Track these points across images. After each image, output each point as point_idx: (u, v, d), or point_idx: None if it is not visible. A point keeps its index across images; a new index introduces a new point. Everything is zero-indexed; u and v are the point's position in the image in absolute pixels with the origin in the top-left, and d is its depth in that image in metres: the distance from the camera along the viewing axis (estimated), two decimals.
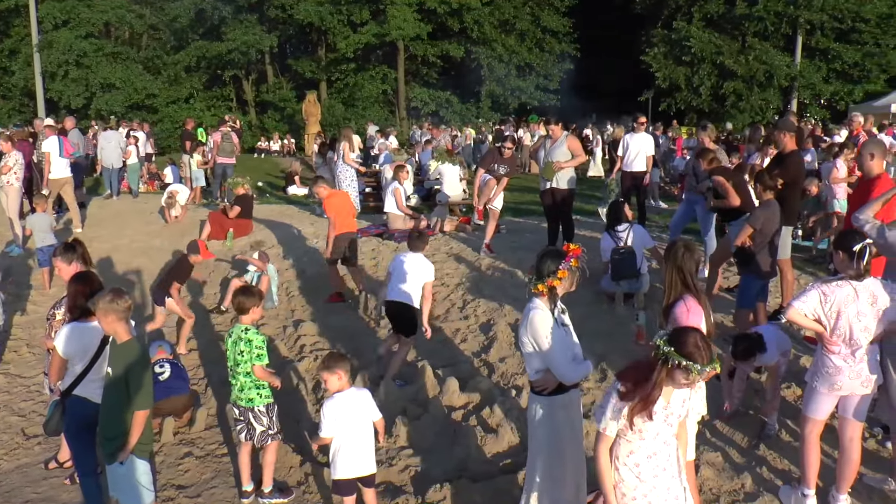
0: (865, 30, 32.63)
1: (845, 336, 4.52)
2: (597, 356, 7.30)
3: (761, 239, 6.73)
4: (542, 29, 38.35)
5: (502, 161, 10.74)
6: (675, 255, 4.34)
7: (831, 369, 4.59)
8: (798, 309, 4.55)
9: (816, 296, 4.54)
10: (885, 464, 5.41)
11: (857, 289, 4.51)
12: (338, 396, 5.00)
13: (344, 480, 5.04)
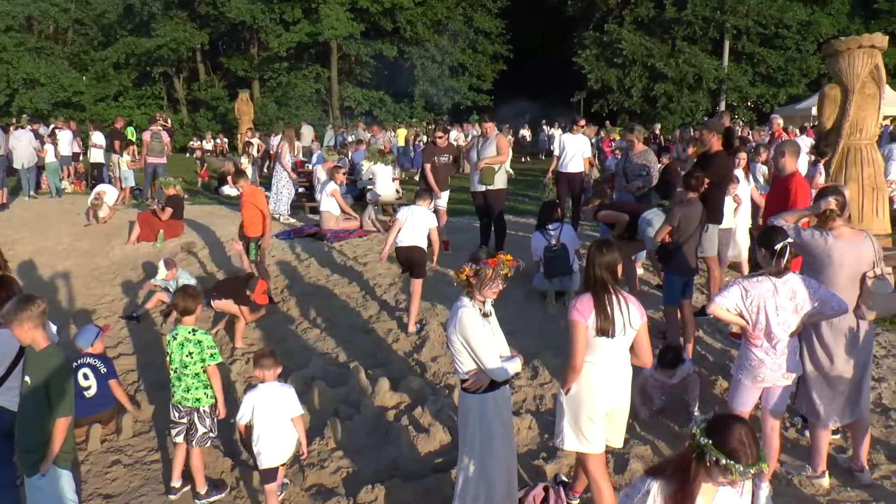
0: (787, 36, 33.74)
1: (766, 330, 4.72)
2: (529, 354, 7.40)
3: (679, 236, 6.91)
4: (474, 30, 38.61)
5: (441, 151, 10.81)
6: (587, 254, 4.45)
7: (754, 362, 4.79)
8: (720, 304, 4.74)
9: (738, 291, 4.74)
10: (803, 451, 5.66)
11: (776, 285, 4.71)
12: (261, 387, 5.31)
13: (269, 469, 5.29)
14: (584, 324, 4.15)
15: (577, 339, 4.18)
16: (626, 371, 4.33)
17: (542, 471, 5.48)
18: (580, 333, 4.16)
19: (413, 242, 8.29)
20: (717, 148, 8.41)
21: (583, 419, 4.28)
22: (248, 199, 9.60)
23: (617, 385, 4.29)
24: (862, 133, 10.47)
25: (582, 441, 4.32)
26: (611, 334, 4.13)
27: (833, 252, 4.95)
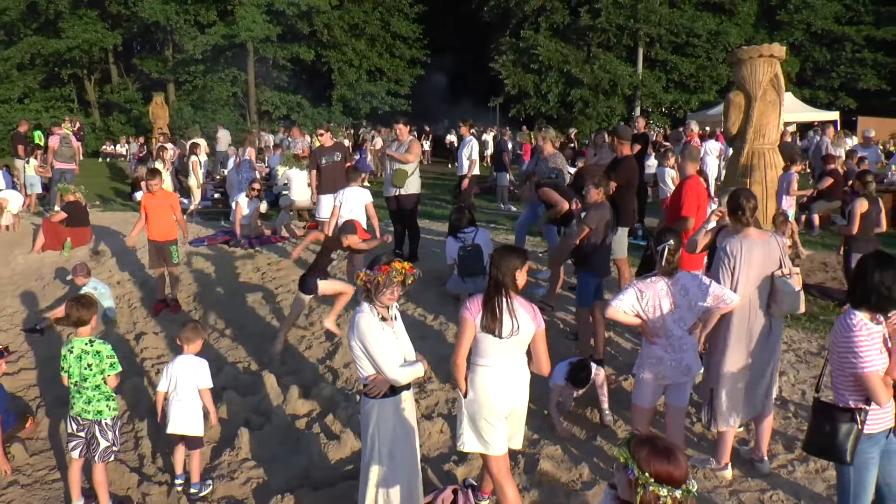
0: (698, 44, 34.78)
1: (664, 328, 4.85)
2: (442, 357, 7.43)
3: (595, 238, 7.05)
4: (392, 34, 38.54)
5: (328, 151, 10.90)
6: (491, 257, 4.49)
7: (654, 359, 4.94)
8: (616, 307, 4.87)
9: (633, 293, 4.88)
10: (709, 445, 5.84)
11: (669, 284, 4.86)
12: (178, 358, 5.84)
13: (171, 435, 5.80)
14: (472, 321, 4.24)
15: (461, 334, 4.29)
16: (522, 374, 4.39)
17: (452, 474, 5.50)
18: (466, 329, 4.26)
19: (352, 217, 8.79)
20: (626, 152, 8.62)
21: (481, 422, 4.33)
22: (164, 201, 9.33)
23: (513, 387, 4.35)
24: (765, 138, 10.82)
25: (482, 443, 4.37)
26: (497, 334, 4.18)
27: (743, 252, 5.09)
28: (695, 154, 7.20)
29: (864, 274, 3.85)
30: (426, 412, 6.57)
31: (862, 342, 3.75)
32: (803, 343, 8.16)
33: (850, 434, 3.83)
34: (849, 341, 3.77)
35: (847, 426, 3.83)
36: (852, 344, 3.76)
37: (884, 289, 3.78)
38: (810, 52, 37.82)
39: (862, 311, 3.83)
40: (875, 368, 3.75)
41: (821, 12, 36.57)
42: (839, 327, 3.86)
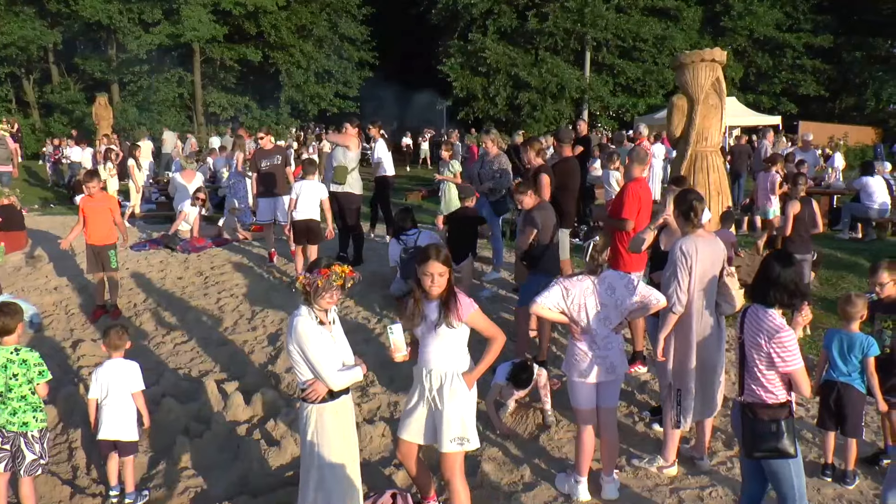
0: (645, 49, 35.31)
1: (588, 326, 4.88)
2: (385, 361, 7.38)
3: (543, 238, 7.06)
4: (340, 36, 38.32)
5: (267, 154, 10.86)
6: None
7: (579, 357, 4.97)
8: (541, 304, 4.88)
9: (559, 291, 4.90)
10: (652, 444, 5.92)
11: (595, 282, 4.89)
12: (107, 363, 5.72)
13: (102, 441, 5.63)
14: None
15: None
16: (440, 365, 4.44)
17: (393, 478, 5.45)
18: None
19: (309, 216, 9.25)
20: (568, 154, 8.67)
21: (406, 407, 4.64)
22: (103, 204, 9.09)
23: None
24: (707, 141, 11.01)
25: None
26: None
27: (691, 253, 5.13)
28: (642, 156, 7.25)
29: (770, 274, 3.95)
30: (368, 416, 6.52)
31: (790, 340, 3.85)
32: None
33: (791, 428, 3.93)
34: (780, 342, 3.84)
35: (787, 421, 3.92)
36: (783, 344, 3.84)
37: (791, 284, 3.91)
38: (753, 58, 38.82)
39: (776, 309, 3.90)
40: (802, 363, 3.90)
41: (763, 19, 37.51)
42: (761, 329, 3.92)
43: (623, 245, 6.82)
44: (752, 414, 4.01)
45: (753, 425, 4.01)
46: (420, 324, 4.37)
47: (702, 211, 5.24)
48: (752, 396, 4.04)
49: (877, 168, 14.82)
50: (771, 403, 3.96)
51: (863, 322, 5.38)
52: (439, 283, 4.24)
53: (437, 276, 4.22)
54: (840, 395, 5.26)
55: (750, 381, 4.03)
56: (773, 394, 3.95)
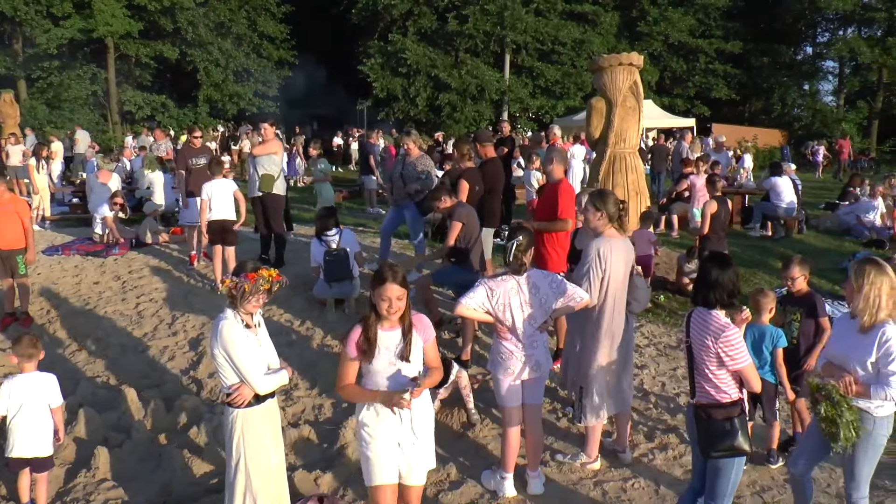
0: (563, 52, 35.97)
1: (513, 325, 4.96)
2: (308, 363, 7.36)
3: (468, 235, 7.12)
4: (259, 34, 37.75)
5: (197, 153, 10.63)
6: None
7: (504, 355, 5.02)
8: (466, 304, 4.92)
9: (484, 291, 4.95)
10: (574, 438, 6.05)
11: (520, 282, 4.97)
12: (20, 376, 5.31)
13: (15, 459, 5.25)
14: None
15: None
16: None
17: (319, 482, 5.41)
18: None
19: (224, 216, 9.16)
20: (491, 155, 8.76)
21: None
22: (10, 207, 8.69)
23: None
24: (626, 142, 11.27)
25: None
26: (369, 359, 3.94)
27: (606, 255, 5.26)
28: (563, 156, 7.37)
29: (708, 276, 4.05)
30: (293, 420, 6.46)
31: (737, 339, 3.95)
32: (663, 337, 8.55)
33: (745, 425, 4.04)
34: (728, 341, 3.94)
35: (740, 419, 4.02)
36: (730, 341, 3.94)
37: (730, 285, 4.02)
38: (668, 62, 40.05)
39: (718, 309, 4.02)
40: (750, 360, 4.02)
41: (677, 25, 38.80)
42: (708, 329, 4.01)
43: (549, 245, 6.93)
44: (707, 415, 4.07)
45: (708, 426, 4.07)
46: (377, 356, 3.90)
47: (625, 212, 5.40)
48: (705, 397, 4.11)
49: (784, 168, 15.44)
50: (724, 402, 4.04)
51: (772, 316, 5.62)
52: (398, 307, 3.83)
53: (396, 300, 3.81)
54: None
55: (702, 383, 4.10)
56: (726, 392, 4.04)
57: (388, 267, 3.88)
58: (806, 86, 43.88)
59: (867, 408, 4.15)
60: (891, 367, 3.99)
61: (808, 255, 12.75)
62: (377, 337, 3.88)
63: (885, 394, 4.00)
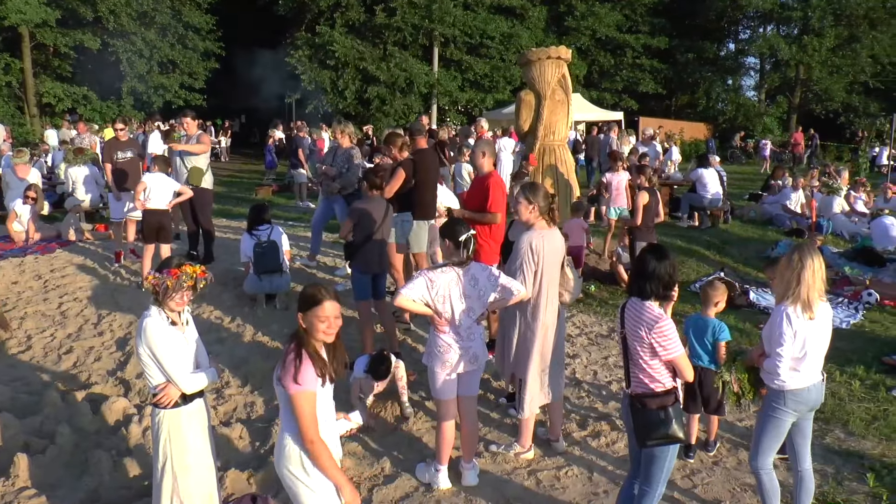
0: (492, 46, 36.07)
1: (452, 317, 4.96)
2: (239, 360, 7.25)
3: (361, 233, 7.07)
4: (184, 25, 36.77)
5: (123, 146, 10.36)
6: None
7: (442, 348, 5.03)
8: (405, 296, 4.90)
9: (423, 282, 4.94)
10: (508, 429, 6.11)
11: (460, 274, 4.98)
12: None
13: None
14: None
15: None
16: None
17: (251, 481, 5.33)
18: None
19: (161, 207, 8.97)
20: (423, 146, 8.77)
21: None
22: None
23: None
24: (555, 135, 11.42)
25: None
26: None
27: (538, 247, 5.31)
28: (492, 148, 7.39)
29: (645, 267, 4.10)
30: (224, 418, 6.35)
31: (669, 329, 4.01)
32: (595, 327, 8.69)
33: (679, 414, 4.11)
34: (660, 332, 3.99)
35: (674, 408, 4.09)
36: (664, 333, 4.00)
37: (666, 277, 4.08)
38: (596, 56, 40.68)
39: (651, 300, 4.08)
40: (682, 349, 4.09)
41: (604, 20, 39.45)
42: (641, 320, 4.06)
43: (482, 237, 6.96)
44: (641, 404, 4.12)
45: (643, 415, 4.12)
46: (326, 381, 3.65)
47: (557, 206, 5.47)
48: (640, 387, 4.16)
49: (710, 160, 15.86)
50: (658, 392, 4.10)
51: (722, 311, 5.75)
52: (337, 325, 3.61)
53: (334, 318, 3.58)
54: (701, 379, 5.57)
55: (636, 372, 4.15)
56: (660, 382, 4.10)
57: (317, 287, 3.65)
58: (729, 81, 45.19)
59: (765, 380, 4.45)
60: (774, 343, 4.30)
61: (733, 244, 13.26)
62: (319, 353, 3.59)
63: (771, 368, 4.33)
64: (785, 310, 4.27)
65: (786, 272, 4.30)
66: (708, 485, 5.40)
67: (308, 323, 3.57)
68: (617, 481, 5.32)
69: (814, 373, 4.43)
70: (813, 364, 4.40)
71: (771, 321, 4.38)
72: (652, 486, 4.21)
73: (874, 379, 7.40)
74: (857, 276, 11.06)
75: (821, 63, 39.28)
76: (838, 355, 7.79)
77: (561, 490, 5.27)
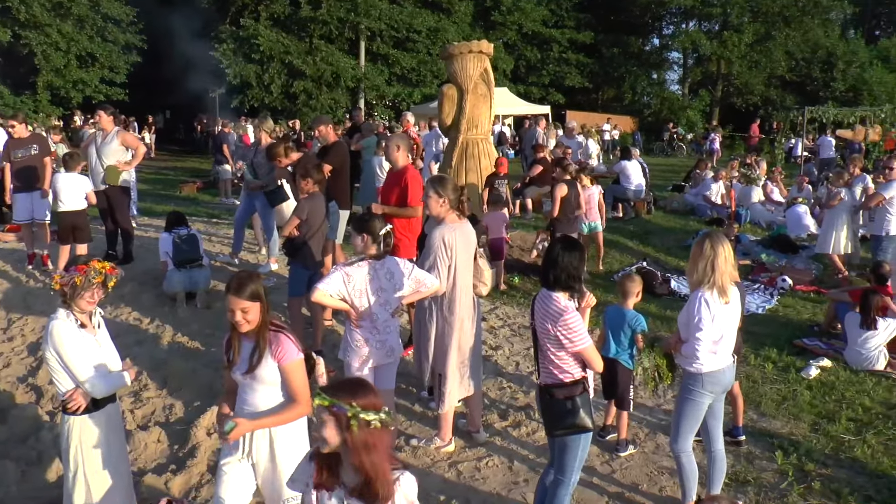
0: (418, 40, 36.08)
1: (369, 311, 4.95)
2: (158, 362, 7.09)
3: (307, 230, 7.02)
4: (102, 16, 35.58)
5: (23, 144, 9.97)
6: None
7: (358, 342, 5.01)
8: (323, 291, 4.87)
9: (340, 277, 4.91)
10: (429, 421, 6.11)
11: (376, 268, 4.97)
12: None
13: None
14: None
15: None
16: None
17: (169, 485, 5.21)
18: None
19: (75, 207, 8.77)
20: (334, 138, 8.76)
21: None
22: None
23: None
24: (477, 129, 11.47)
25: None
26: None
27: (451, 241, 5.33)
28: (408, 142, 7.39)
29: (553, 258, 4.13)
30: (142, 422, 6.18)
31: (574, 322, 4.03)
32: (517, 318, 8.76)
33: (587, 403, 4.14)
34: (566, 324, 4.02)
35: (582, 397, 4.12)
36: (569, 326, 4.02)
37: (572, 269, 4.11)
38: (523, 51, 41.09)
39: (559, 292, 4.11)
40: (590, 342, 4.11)
41: (530, 15, 39.90)
42: (548, 313, 4.09)
43: (399, 232, 6.94)
44: (549, 395, 4.16)
45: (551, 405, 4.16)
46: (238, 364, 3.71)
47: (468, 199, 5.50)
48: (549, 378, 4.19)
49: (633, 153, 16.17)
50: (566, 382, 4.12)
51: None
52: (243, 320, 3.58)
53: (240, 312, 3.57)
54: (612, 370, 5.67)
55: (546, 364, 4.19)
56: (568, 372, 4.13)
57: (236, 277, 3.65)
58: (654, 75, 46.19)
59: (683, 364, 4.57)
60: (693, 329, 4.39)
61: (655, 234, 13.54)
62: (237, 344, 3.69)
63: (690, 353, 4.43)
64: (702, 296, 4.37)
65: (699, 261, 4.40)
66: (626, 469, 5.51)
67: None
68: (537, 469, 5.37)
69: (728, 355, 4.57)
70: (728, 346, 4.55)
71: (688, 307, 4.47)
72: (566, 475, 4.25)
73: (786, 361, 7.70)
74: (772, 263, 11.42)
75: (740, 58, 40.60)
76: (753, 339, 8.07)
77: (481, 480, 5.30)
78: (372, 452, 2.58)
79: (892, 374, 7.35)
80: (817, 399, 6.81)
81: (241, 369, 3.68)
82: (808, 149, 22.72)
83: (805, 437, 6.07)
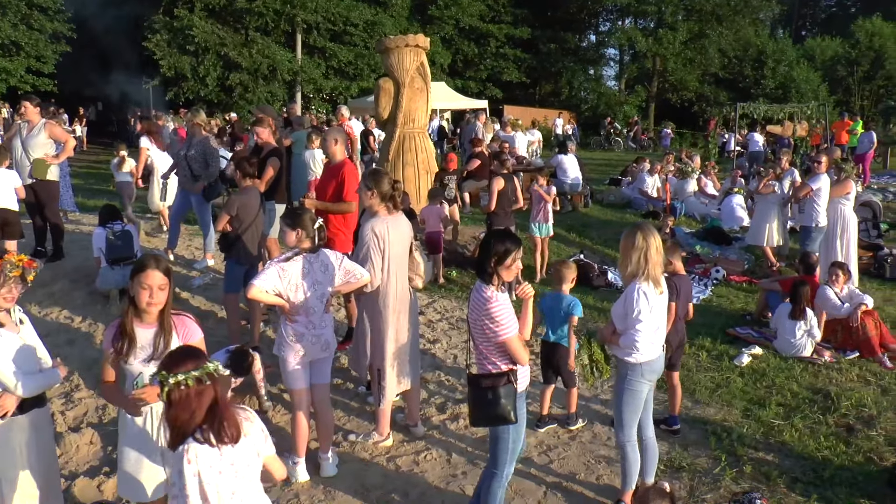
0: (355, 33, 35.96)
1: (305, 305, 4.93)
2: (91, 360, 6.92)
3: (239, 225, 6.95)
4: (27, 3, 34.30)
5: None
6: None
7: (293, 337, 4.98)
8: (259, 287, 4.81)
9: (275, 272, 4.87)
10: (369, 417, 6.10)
11: (311, 261, 4.96)
12: None
13: None
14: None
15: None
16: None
17: (102, 488, 5.11)
18: None
19: (4, 206, 8.41)
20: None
21: None
22: None
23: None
24: (415, 123, 11.45)
25: None
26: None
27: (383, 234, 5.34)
28: (345, 136, 7.35)
29: (486, 250, 4.16)
30: (73, 424, 6.02)
31: (497, 312, 4.04)
32: (455, 311, 8.80)
33: (510, 395, 4.12)
34: (488, 313, 4.04)
35: (505, 388, 4.11)
36: (491, 315, 4.04)
37: (499, 258, 4.09)
38: (460, 45, 41.28)
39: (489, 282, 4.13)
40: (513, 333, 4.10)
41: (468, 10, 40.13)
42: (476, 302, 4.12)
43: (334, 226, 6.92)
44: (475, 385, 4.19)
45: (473, 395, 4.19)
46: (134, 354, 3.67)
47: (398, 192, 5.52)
48: (479, 368, 4.23)
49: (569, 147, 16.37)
50: (491, 373, 4.15)
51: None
52: (159, 298, 3.62)
53: (157, 289, 3.60)
54: (552, 354, 5.89)
55: (476, 354, 4.23)
56: (495, 363, 4.16)
57: (150, 256, 3.69)
58: (591, 71, 46.86)
59: (620, 355, 4.64)
60: (631, 320, 4.48)
61: (592, 227, 13.73)
62: (134, 332, 3.66)
63: (629, 343, 4.51)
64: (640, 287, 4.45)
65: (632, 252, 4.47)
66: (564, 459, 5.60)
67: (134, 290, 3.63)
68: (475, 461, 5.43)
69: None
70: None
71: (626, 300, 4.53)
72: (498, 467, 4.29)
73: (719, 349, 7.94)
74: (706, 255, 11.69)
75: (675, 55, 41.50)
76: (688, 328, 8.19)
77: (420, 474, 5.32)
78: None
79: (818, 361, 7.62)
80: (749, 386, 7.05)
81: (142, 356, 3.67)
82: (739, 143, 23.31)
83: (737, 422, 6.27)
